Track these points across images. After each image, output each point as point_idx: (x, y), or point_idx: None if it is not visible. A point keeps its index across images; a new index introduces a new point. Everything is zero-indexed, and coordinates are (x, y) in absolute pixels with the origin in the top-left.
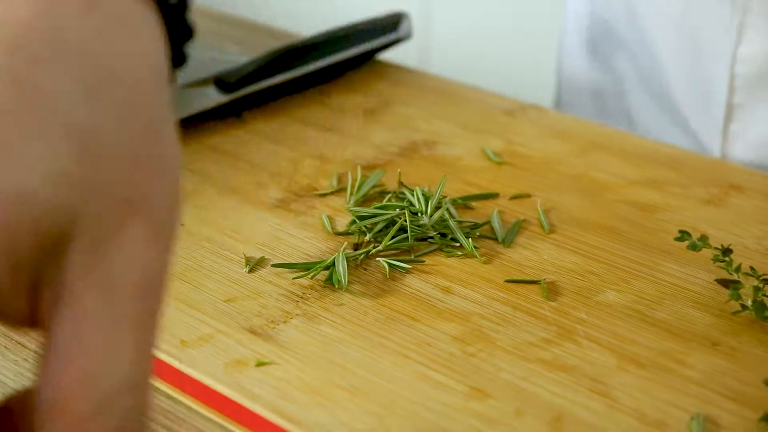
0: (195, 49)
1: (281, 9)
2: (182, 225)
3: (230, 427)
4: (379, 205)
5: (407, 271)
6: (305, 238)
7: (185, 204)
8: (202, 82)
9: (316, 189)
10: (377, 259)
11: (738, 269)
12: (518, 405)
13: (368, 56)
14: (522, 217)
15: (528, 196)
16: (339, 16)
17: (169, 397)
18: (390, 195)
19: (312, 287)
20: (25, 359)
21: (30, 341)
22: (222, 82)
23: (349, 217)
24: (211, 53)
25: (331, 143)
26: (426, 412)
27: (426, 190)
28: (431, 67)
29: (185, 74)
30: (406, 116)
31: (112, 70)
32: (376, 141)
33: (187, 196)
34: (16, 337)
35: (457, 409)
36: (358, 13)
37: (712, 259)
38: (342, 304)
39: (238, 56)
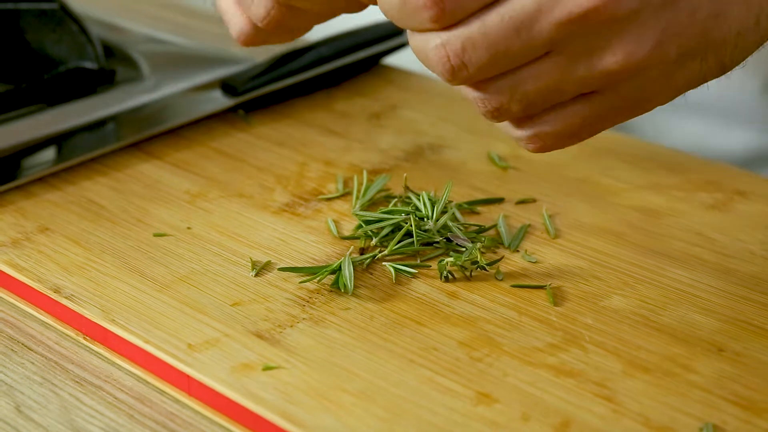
0: (200, 52)
1: None
2: (189, 228)
3: (237, 430)
4: (385, 209)
5: (413, 275)
6: (311, 242)
7: (191, 208)
8: (209, 86)
9: (322, 193)
10: (383, 263)
11: None
12: (524, 410)
13: (374, 60)
14: (527, 222)
15: (533, 201)
16: (344, 21)
17: (176, 400)
18: (396, 199)
19: (318, 291)
20: (32, 362)
21: (37, 344)
22: (228, 86)
23: (355, 222)
24: (216, 56)
25: (337, 147)
26: (432, 416)
27: (432, 194)
28: None
29: (191, 78)
30: (411, 120)
31: None
32: (381, 145)
33: (193, 199)
34: (22, 339)
35: (463, 414)
36: (363, 17)
37: None
38: (348, 309)
39: (243, 58)
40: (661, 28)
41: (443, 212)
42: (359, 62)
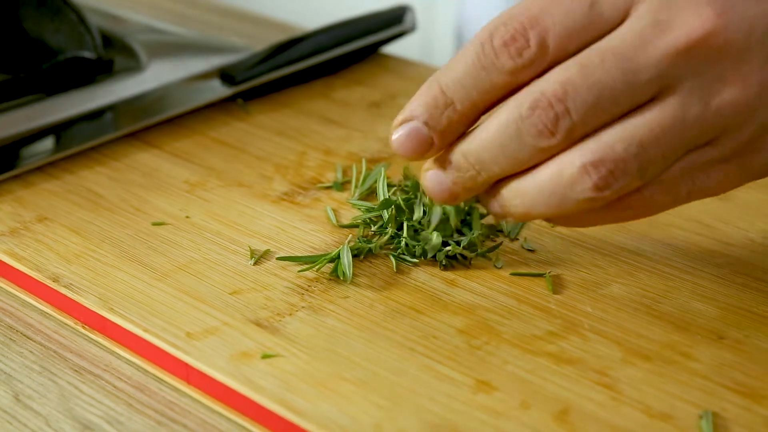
0: (198, 42)
1: (285, 2)
2: (187, 217)
3: (236, 419)
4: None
5: (412, 264)
6: (310, 230)
7: (190, 197)
8: (207, 75)
9: (320, 182)
10: (383, 252)
11: None
12: (524, 398)
13: (372, 49)
14: None
15: None
16: (343, 9)
17: (175, 389)
18: (395, 188)
19: (317, 280)
20: (31, 351)
21: (35, 333)
22: (227, 76)
23: (354, 210)
24: (214, 45)
25: (336, 136)
26: (432, 404)
27: None
28: (435, 60)
29: (190, 67)
30: None
31: None
32: (380, 134)
33: (191, 188)
34: (21, 329)
35: (463, 402)
36: (362, 6)
37: None
38: (347, 297)
39: (242, 47)
40: (765, 57)
41: None
42: (358, 51)
